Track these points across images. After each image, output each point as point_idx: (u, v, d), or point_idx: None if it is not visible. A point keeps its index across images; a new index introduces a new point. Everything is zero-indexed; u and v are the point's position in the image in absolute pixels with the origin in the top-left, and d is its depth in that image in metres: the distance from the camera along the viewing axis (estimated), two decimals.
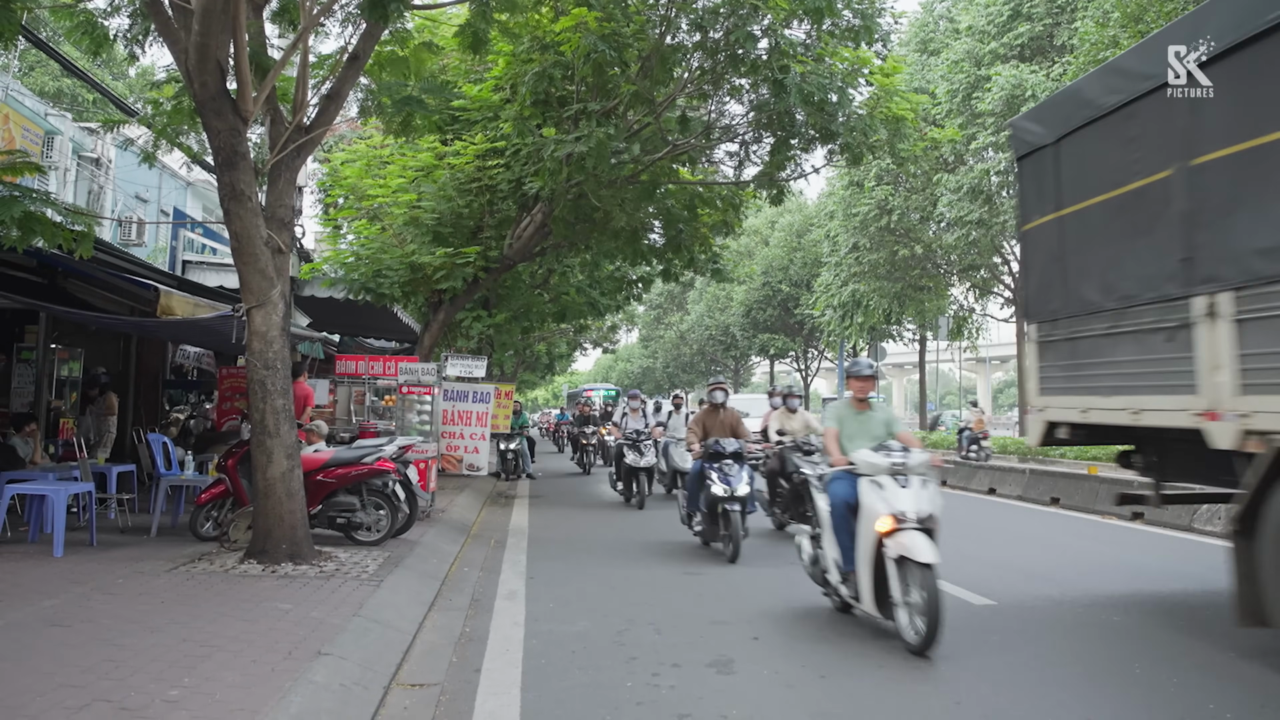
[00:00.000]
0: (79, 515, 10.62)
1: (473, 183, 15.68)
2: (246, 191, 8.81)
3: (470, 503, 15.42)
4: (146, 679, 5.13)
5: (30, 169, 9.33)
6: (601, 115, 12.99)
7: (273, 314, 8.92)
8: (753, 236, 45.86)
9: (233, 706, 4.73)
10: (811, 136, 13.89)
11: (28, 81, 32.65)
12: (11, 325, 15.97)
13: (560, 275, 21.87)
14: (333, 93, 9.88)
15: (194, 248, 26.46)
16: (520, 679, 5.93)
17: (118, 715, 4.55)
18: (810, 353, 49.70)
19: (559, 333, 36.24)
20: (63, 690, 4.91)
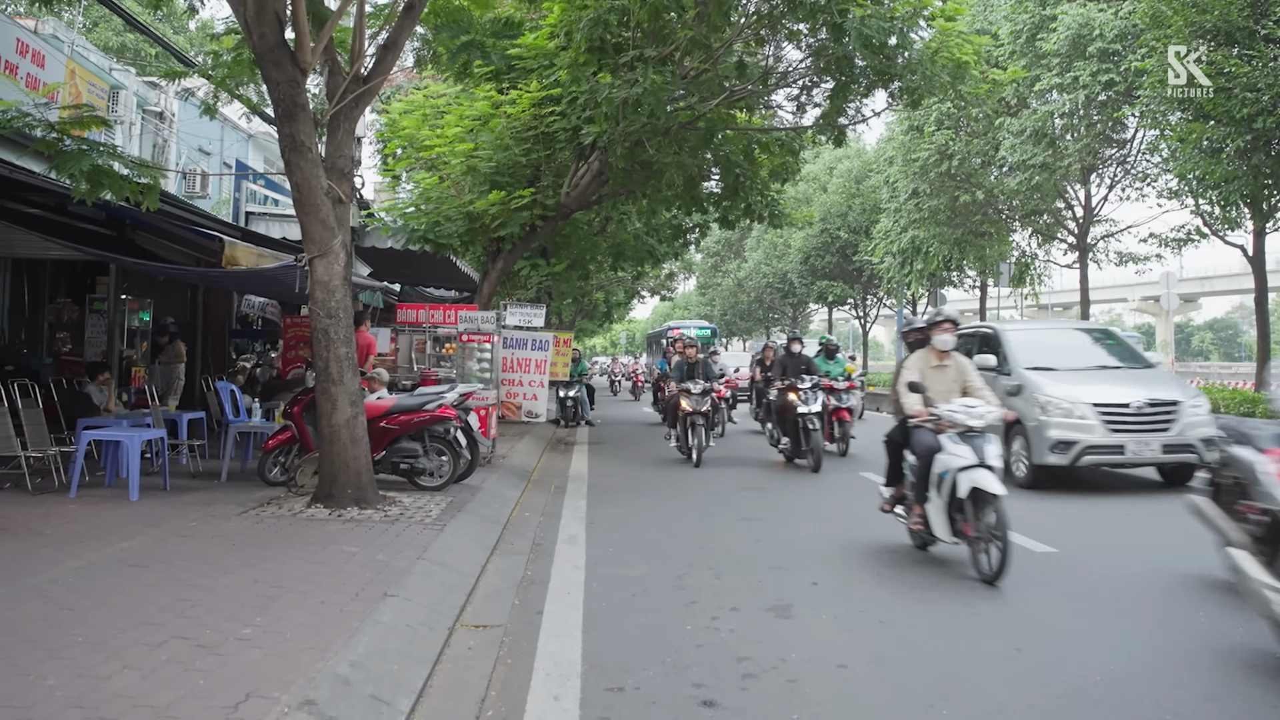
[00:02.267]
0: (152, 460, 10.94)
1: (529, 131, 15.65)
2: (306, 142, 8.89)
3: (530, 449, 15.60)
4: (220, 618, 5.32)
5: (96, 123, 9.52)
6: (657, 62, 12.88)
7: (334, 264, 9.04)
8: (811, 183, 45.32)
9: (303, 645, 4.89)
10: (871, 80, 13.67)
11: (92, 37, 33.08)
12: (84, 277, 16.40)
13: (617, 223, 21.85)
14: (389, 42, 9.90)
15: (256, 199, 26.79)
16: (581, 621, 6.04)
17: (194, 652, 4.72)
18: (869, 300, 49.20)
19: (616, 281, 36.28)
20: (142, 627, 5.10)
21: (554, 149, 16.09)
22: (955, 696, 4.76)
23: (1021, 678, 5.05)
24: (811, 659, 5.32)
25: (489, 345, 14.65)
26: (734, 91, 14.38)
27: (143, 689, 4.21)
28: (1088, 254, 26.78)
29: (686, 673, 5.07)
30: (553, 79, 14.75)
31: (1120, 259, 27.49)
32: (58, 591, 5.84)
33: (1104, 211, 26.88)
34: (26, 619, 5.23)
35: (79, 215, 12.35)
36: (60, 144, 8.88)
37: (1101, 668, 5.17)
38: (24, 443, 9.73)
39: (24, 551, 6.92)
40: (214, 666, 4.52)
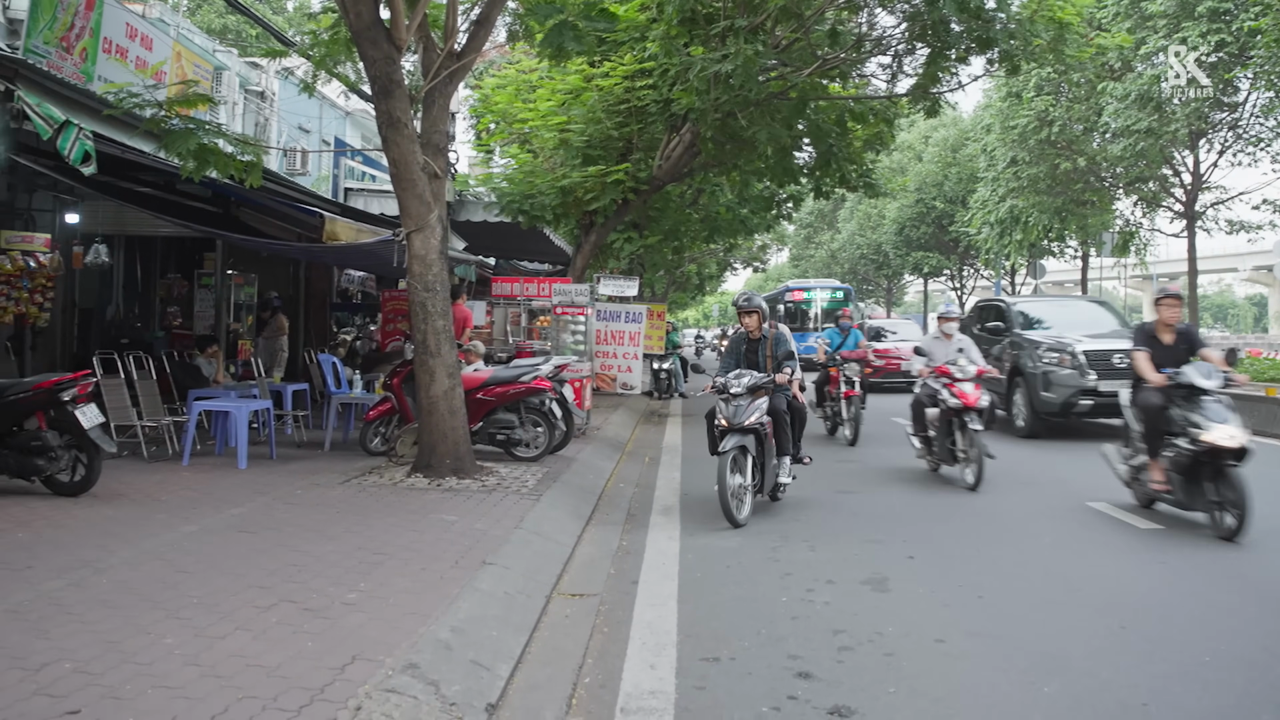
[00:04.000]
0: (259, 430, 11.28)
1: (621, 104, 15.67)
2: (403, 119, 9.03)
3: (624, 421, 15.70)
4: (326, 583, 5.48)
5: (202, 100, 9.79)
6: (749, 32, 12.75)
7: (431, 238, 9.18)
8: (905, 152, 44.55)
9: (406, 610, 5.02)
10: (967, 46, 13.33)
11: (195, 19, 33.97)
12: (192, 253, 16.94)
13: (710, 195, 21.75)
14: (482, 18, 9.98)
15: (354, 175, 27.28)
16: (676, 591, 6.08)
17: (301, 615, 4.88)
18: (966, 271, 48.29)
19: (709, 253, 36.17)
20: (252, 590, 5.29)
21: (646, 121, 16.08)
22: (1058, 673, 4.69)
23: (1126, 657, 4.95)
24: (908, 632, 5.28)
25: (583, 318, 14.76)
26: (826, 60, 14.16)
27: (254, 649, 4.36)
28: (1195, 222, 25.88)
29: (782, 644, 5.08)
30: (645, 52, 14.73)
31: (1231, 227, 26.53)
32: (174, 555, 6.08)
33: (1213, 178, 25.95)
34: (146, 580, 5.46)
35: (187, 193, 12.77)
36: (167, 123, 9.17)
37: (1212, 649, 5.04)
38: (140, 413, 10.14)
39: (142, 516, 7.21)
40: (321, 629, 4.67)
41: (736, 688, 4.51)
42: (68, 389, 7.91)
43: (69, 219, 14.16)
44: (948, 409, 10.01)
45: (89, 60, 14.29)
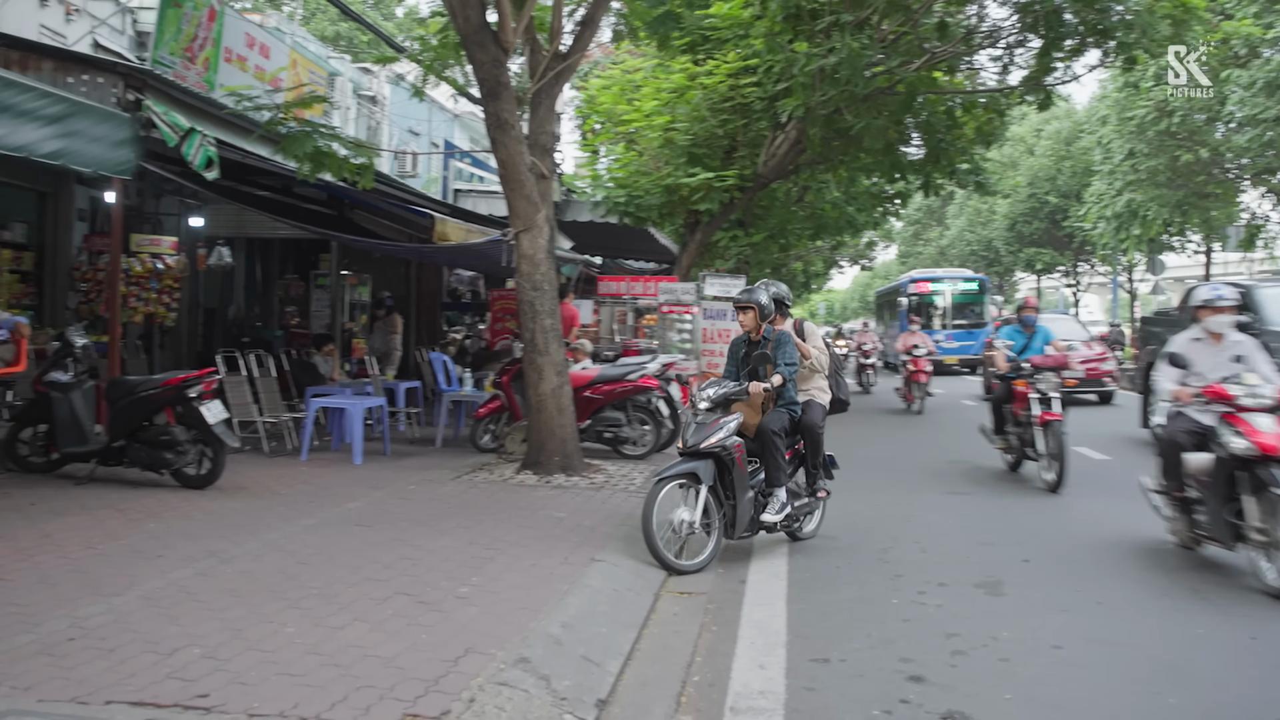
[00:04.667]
0: (373, 427, 11.56)
1: (725, 102, 15.62)
2: (510, 120, 9.15)
3: None
4: (439, 576, 5.60)
5: (317, 102, 10.07)
6: (854, 26, 12.58)
7: (539, 237, 9.29)
8: (1017, 146, 43.40)
9: (517, 605, 5.09)
10: (1082, 38, 12.95)
11: (310, 27, 34.91)
12: (308, 254, 17.45)
13: (816, 192, 21.54)
14: (587, 19, 10.06)
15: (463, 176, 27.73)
16: (785, 591, 6.04)
17: (416, 608, 4.99)
18: (1080, 267, 46.89)
19: (815, 250, 35.80)
20: (369, 583, 5.43)
21: (750, 119, 16.00)
22: (1183, 684, 4.53)
23: (1258, 669, 4.76)
24: (1024, 638, 5.16)
25: (689, 316, 14.75)
26: (934, 54, 13.91)
27: (371, 640, 4.47)
28: None
29: (893, 647, 5.01)
30: (749, 50, 14.66)
31: None
32: (294, 547, 6.27)
33: None
34: (268, 571, 5.64)
35: (303, 196, 13.14)
36: (283, 126, 9.45)
37: None
38: (260, 409, 10.48)
39: (264, 509, 7.46)
40: (435, 622, 4.76)
41: (847, 690, 4.46)
42: (194, 386, 8.23)
43: (193, 222, 14.70)
44: (1232, 458, 6.25)
45: (211, 69, 14.82)
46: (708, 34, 15.16)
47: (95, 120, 8.11)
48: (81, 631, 4.47)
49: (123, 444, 8.24)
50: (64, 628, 4.52)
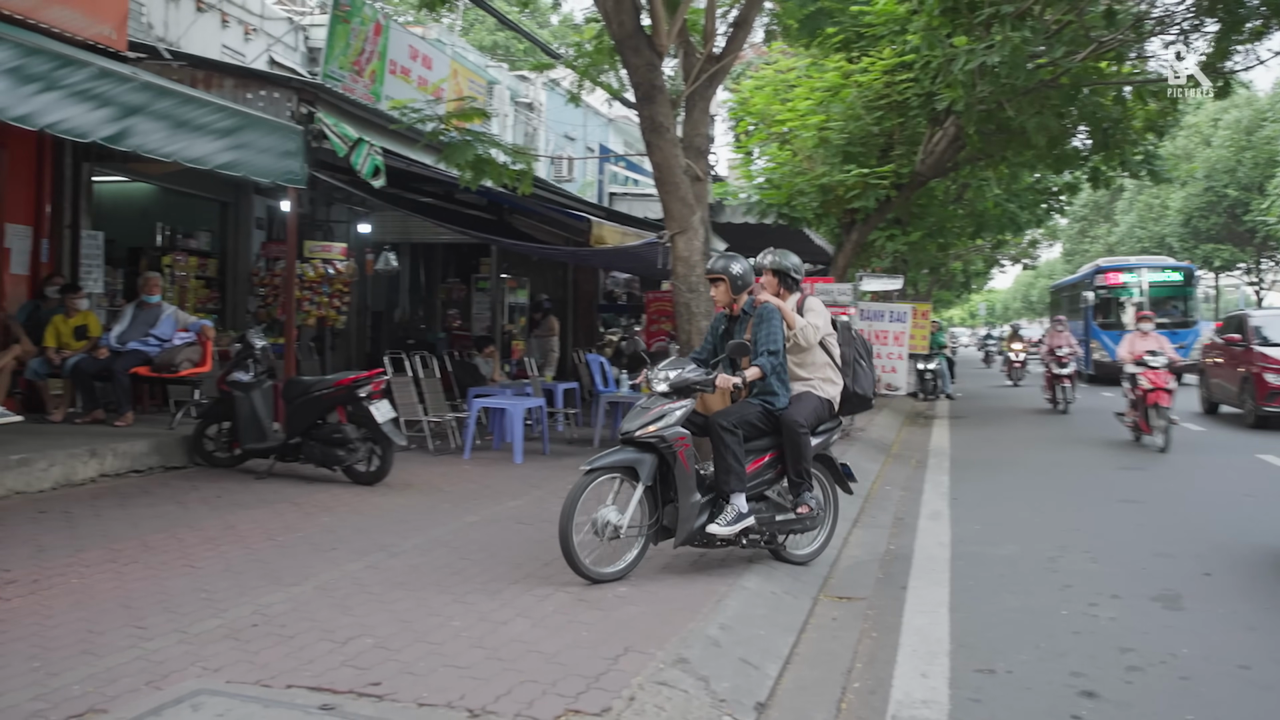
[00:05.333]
0: (532, 427, 11.78)
1: (881, 100, 15.36)
2: (665, 123, 9.18)
3: (889, 422, 15.40)
4: None
5: (478, 115, 10.34)
6: (1015, 18, 12.16)
7: (694, 239, 9.30)
8: (1192, 136, 41.30)
9: (675, 605, 5.10)
10: (1267, 18, 12.19)
11: (469, 38, 35.87)
12: (469, 259, 17.96)
13: (976, 189, 20.97)
14: (740, 20, 10.03)
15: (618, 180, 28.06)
16: (948, 599, 5.90)
17: (577, 605, 5.06)
18: (1264, 264, 44.28)
19: (975, 249, 34.84)
20: (531, 580, 5.54)
21: (907, 116, 15.68)
22: None
23: None
24: (1207, 656, 4.89)
25: (845, 317, 14.53)
26: (1101, 43, 13.32)
27: (533, 636, 4.56)
28: None
29: (1063, 660, 4.82)
30: (905, 46, 14.37)
31: None
32: (458, 543, 6.46)
33: None
34: (434, 566, 5.82)
35: (464, 202, 13.52)
36: (445, 135, 9.74)
37: None
38: (425, 409, 10.83)
39: (430, 506, 7.70)
40: (595, 620, 4.82)
41: (1015, 703, 4.32)
42: (364, 386, 8.56)
43: (361, 229, 15.30)
44: None
45: (377, 81, 15.39)
46: (862, 31, 14.92)
47: (266, 132, 8.56)
48: (264, 618, 4.70)
49: (298, 441, 8.64)
50: (247, 614, 4.76)
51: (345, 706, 3.70)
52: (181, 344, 9.88)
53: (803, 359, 6.20)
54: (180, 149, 7.47)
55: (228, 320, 13.48)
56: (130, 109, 7.00)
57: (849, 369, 6.42)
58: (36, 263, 10.47)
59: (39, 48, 6.51)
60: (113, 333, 9.84)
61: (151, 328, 9.91)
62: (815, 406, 6.11)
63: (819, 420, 6.15)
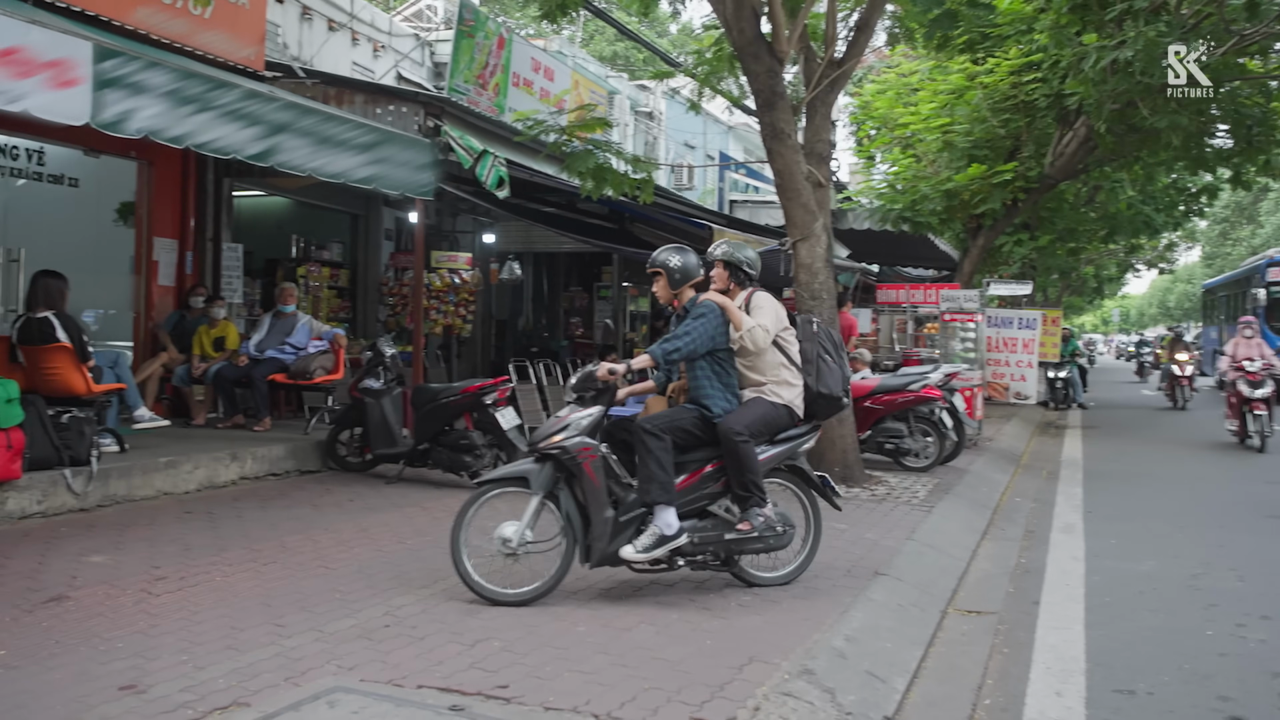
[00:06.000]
0: None
1: (1007, 101, 15.01)
2: (786, 130, 9.14)
3: (1018, 432, 15.01)
4: (721, 583, 5.66)
5: (600, 124, 10.47)
6: (1149, 12, 11.73)
7: (816, 246, 9.23)
8: None
9: (800, 616, 5.06)
10: None
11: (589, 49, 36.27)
12: (591, 267, 18.18)
13: (1108, 192, 20.28)
14: (861, 23, 9.93)
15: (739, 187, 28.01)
16: (1083, 615, 5.71)
17: (700, 614, 5.06)
18: None
19: (1107, 254, 33.67)
20: (654, 587, 5.58)
21: (1034, 117, 15.29)
22: None
23: None
24: None
25: (972, 324, 14.25)
26: (1244, 36, 12.75)
27: (657, 643, 4.57)
28: None
29: (1208, 682, 4.62)
30: (1032, 45, 14.01)
31: None
32: None
33: None
34: None
35: (586, 211, 13.69)
36: (568, 145, 9.88)
37: None
38: (549, 415, 10.94)
39: None
40: (718, 629, 4.81)
41: None
42: (489, 393, 8.72)
43: (486, 239, 15.59)
44: None
45: (501, 94, 15.69)
46: (987, 31, 14.60)
47: (401, 147, 8.82)
48: (395, 619, 4.82)
49: (427, 447, 8.83)
50: (379, 615, 4.89)
51: (474, 708, 3.77)
52: (315, 352, 10.22)
53: (754, 361, 5.68)
54: (322, 165, 7.77)
55: (359, 329, 13.89)
56: (276, 127, 7.30)
57: (811, 366, 5.79)
58: (182, 274, 10.96)
59: (193, 71, 6.84)
60: (251, 341, 10.23)
61: (287, 336, 10.28)
62: (763, 413, 5.55)
63: (773, 427, 5.61)
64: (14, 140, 10.86)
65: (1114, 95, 12.56)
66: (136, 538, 6.39)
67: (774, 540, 5.49)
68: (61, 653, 4.27)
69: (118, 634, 4.52)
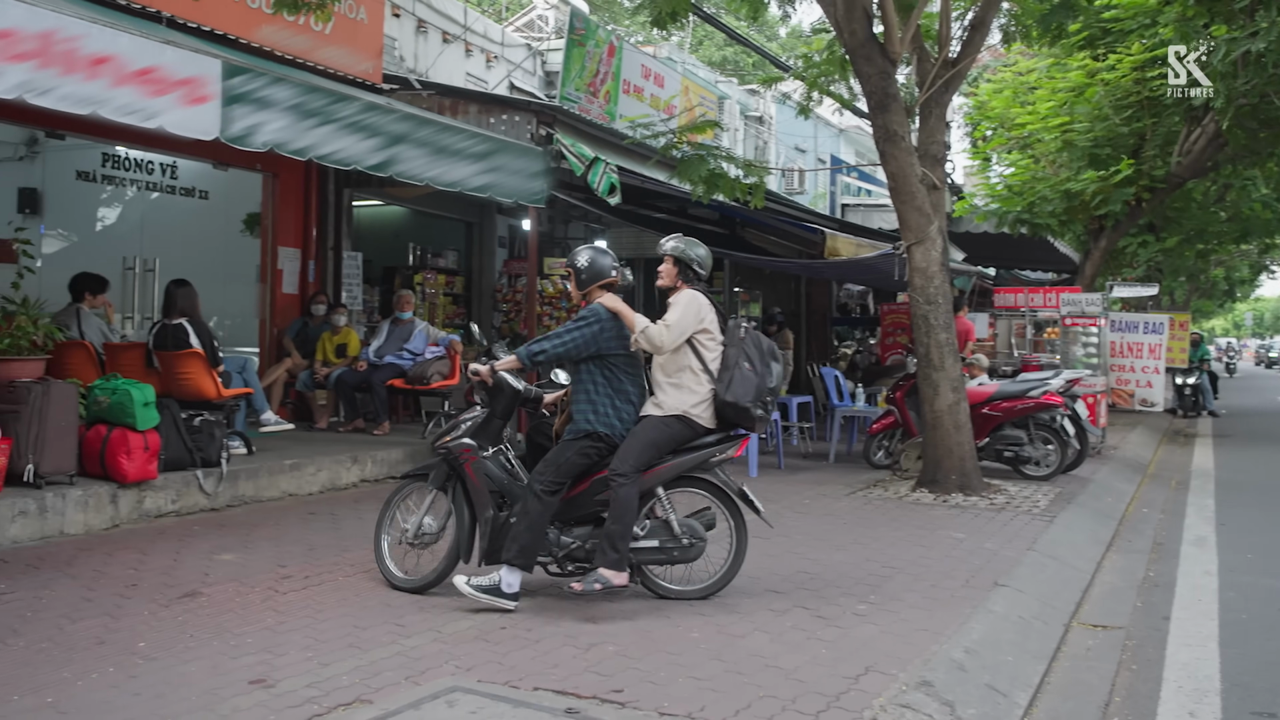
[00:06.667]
0: (767, 440, 11.74)
1: (1130, 98, 14.58)
2: (899, 132, 9.02)
3: (1144, 440, 14.51)
4: (837, 592, 5.58)
5: (710, 126, 10.47)
6: None
7: (931, 250, 9.07)
8: None
9: (916, 626, 4.96)
10: None
11: (698, 55, 36.30)
12: None
13: (1239, 190, 19.45)
14: (976, 22, 9.74)
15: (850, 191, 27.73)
16: (1217, 632, 5.47)
17: (815, 622, 5.00)
18: None
19: (1239, 255, 32.34)
20: (767, 594, 5.52)
21: (1159, 114, 14.80)
22: None
23: None
24: None
25: (1095, 329, 13.82)
26: None
27: (771, 651, 4.53)
28: None
29: None
30: (1156, 39, 13.54)
31: None
32: None
33: None
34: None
35: (697, 216, 13.68)
36: (678, 151, 9.89)
37: None
38: None
39: None
40: (834, 638, 4.75)
41: None
42: None
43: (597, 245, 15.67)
44: None
45: (611, 101, 15.82)
46: (1108, 26, 14.17)
47: (514, 156, 8.96)
48: (511, 621, 4.88)
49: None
50: (496, 617, 4.95)
51: (589, 711, 3.79)
52: (432, 358, 10.43)
53: (665, 363, 5.41)
54: (438, 174, 7.96)
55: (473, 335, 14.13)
56: (394, 138, 7.50)
57: (727, 374, 5.34)
58: (304, 282, 11.30)
59: (315, 86, 7.06)
60: (371, 347, 10.49)
61: (405, 342, 10.51)
62: (650, 439, 5.24)
63: (666, 446, 5.28)
64: (149, 155, 11.37)
65: (1245, 90, 12.06)
66: (263, 537, 6.61)
67: (678, 553, 5.32)
68: (195, 646, 4.43)
69: (247, 630, 4.68)
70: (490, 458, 5.42)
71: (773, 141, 28.31)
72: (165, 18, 8.12)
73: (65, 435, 6.72)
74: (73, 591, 5.26)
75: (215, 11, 8.67)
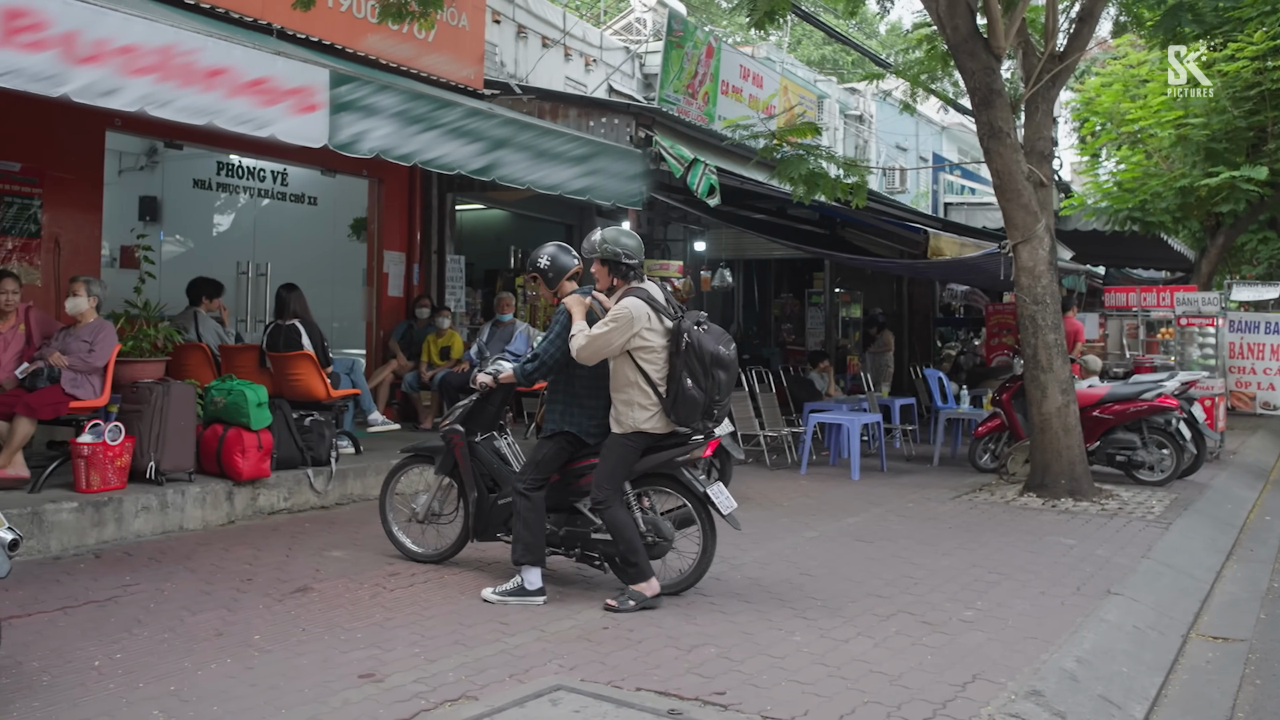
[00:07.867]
0: (869, 443, 11.61)
1: (1250, 89, 14.01)
2: (1004, 128, 8.83)
3: (1266, 445, 13.95)
4: (942, 598, 5.48)
5: (810, 130, 10.38)
6: None
7: (1039, 249, 8.87)
8: None
9: (1025, 634, 4.85)
10: None
11: (796, 54, 36.04)
12: (802, 273, 18.09)
13: None
14: (1084, 14, 9.50)
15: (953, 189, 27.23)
16: None
17: (920, 628, 4.92)
18: None
19: None
20: (871, 599, 5.44)
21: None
22: None
23: None
24: None
25: (1212, 329, 13.33)
26: None
27: (875, 656, 4.48)
28: None
29: None
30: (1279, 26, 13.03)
31: None
32: (797, 557, 6.46)
33: None
34: (774, 579, 5.86)
35: (796, 217, 13.58)
36: (778, 151, 9.82)
37: None
38: (761, 423, 10.94)
39: (767, 520, 7.73)
40: (939, 644, 4.67)
41: None
42: None
43: (697, 247, 15.71)
44: None
45: (710, 103, 15.78)
46: (1225, 14, 13.66)
47: (613, 158, 9.01)
48: (613, 622, 4.90)
49: None
50: (598, 617, 4.98)
51: (692, 713, 3.79)
52: None
53: (613, 377, 5.27)
54: (539, 177, 8.05)
55: None
56: (496, 143, 7.60)
57: (673, 387, 5.11)
58: (409, 286, 11.52)
59: (419, 93, 7.20)
60: (473, 349, 10.65)
61: (507, 344, 10.62)
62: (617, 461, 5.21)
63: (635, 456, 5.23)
64: (261, 163, 11.72)
65: None
66: (371, 534, 6.74)
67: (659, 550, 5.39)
68: (307, 640, 4.55)
69: (356, 625, 4.79)
70: (481, 443, 5.83)
71: (873, 140, 27.95)
72: (276, 29, 8.38)
73: (184, 434, 6.98)
74: (192, 584, 5.45)
75: (323, 22, 8.91)
